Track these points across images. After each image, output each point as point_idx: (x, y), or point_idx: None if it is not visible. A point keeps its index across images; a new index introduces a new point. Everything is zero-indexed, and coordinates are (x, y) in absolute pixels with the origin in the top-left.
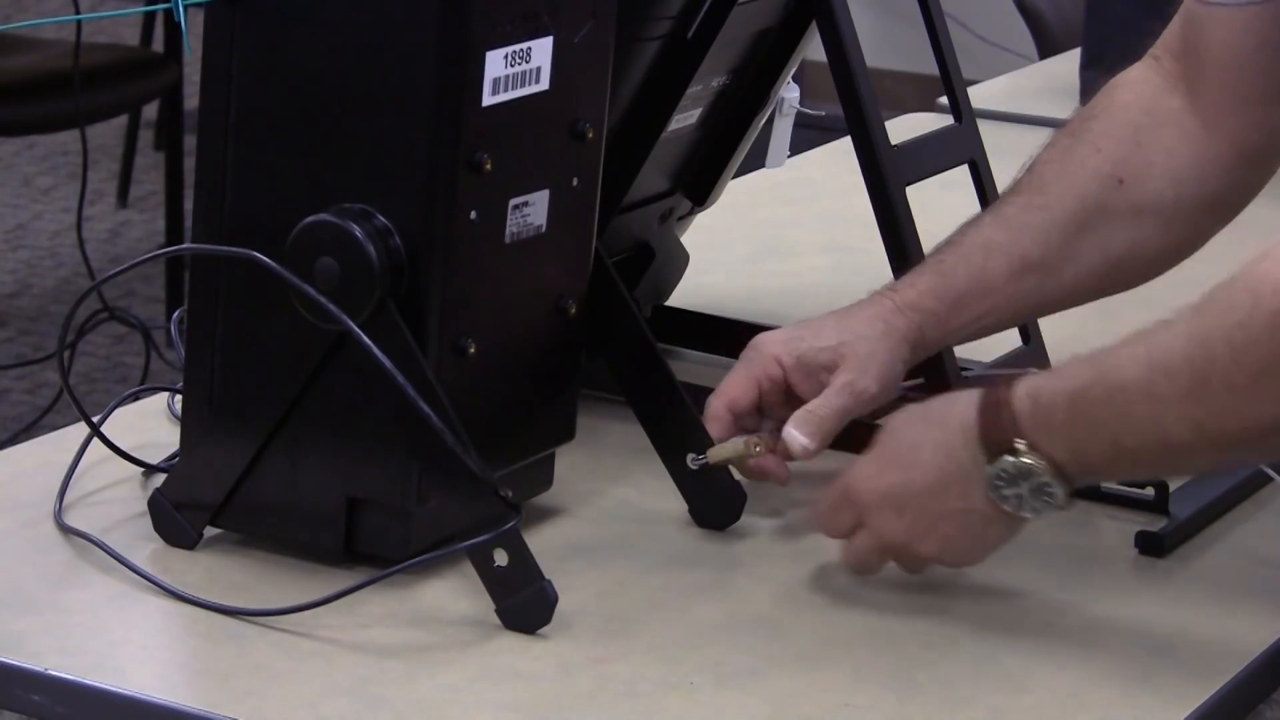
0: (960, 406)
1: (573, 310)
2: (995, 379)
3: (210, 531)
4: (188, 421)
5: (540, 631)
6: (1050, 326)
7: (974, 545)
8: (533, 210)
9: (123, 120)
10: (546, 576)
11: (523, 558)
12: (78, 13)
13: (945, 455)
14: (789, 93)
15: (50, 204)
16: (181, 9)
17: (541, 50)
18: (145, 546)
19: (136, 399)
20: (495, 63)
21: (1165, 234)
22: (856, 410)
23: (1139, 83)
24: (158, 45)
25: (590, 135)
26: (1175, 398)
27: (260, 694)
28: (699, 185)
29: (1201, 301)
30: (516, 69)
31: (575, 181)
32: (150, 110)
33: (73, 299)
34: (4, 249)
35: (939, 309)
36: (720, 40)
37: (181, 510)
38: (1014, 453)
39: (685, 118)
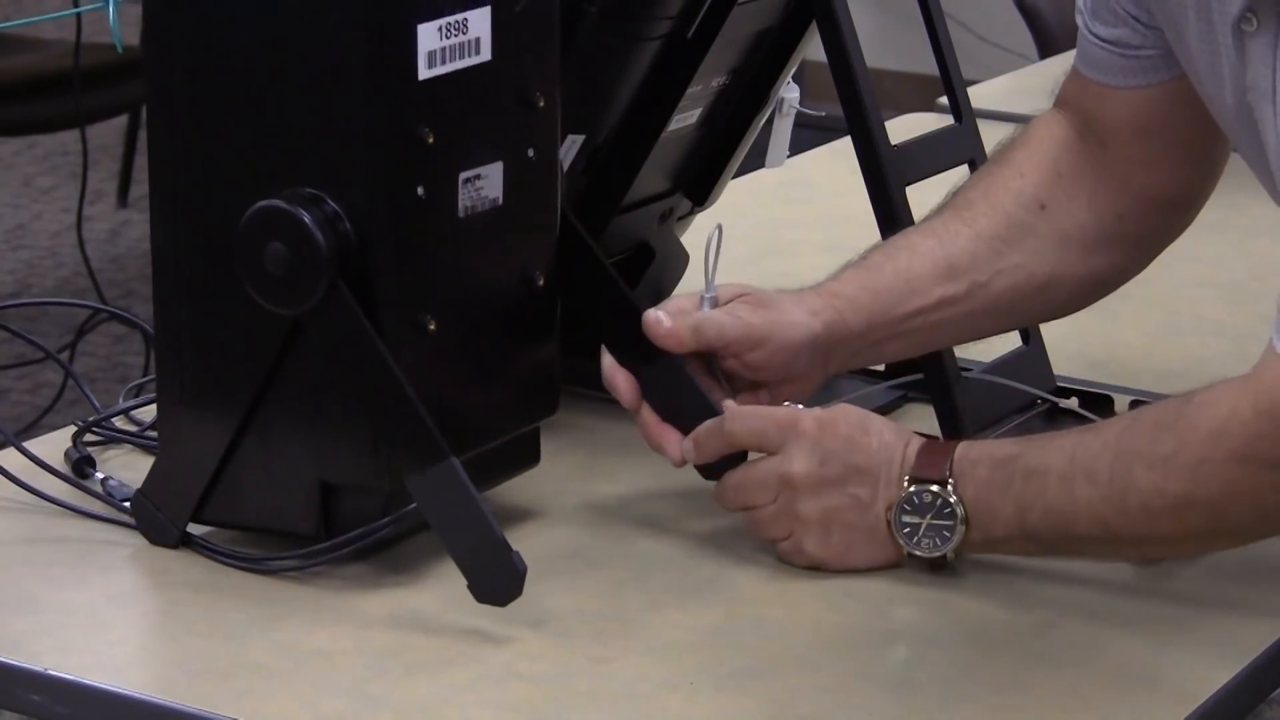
0: (907, 432)
1: (540, 282)
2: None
3: (208, 530)
4: (163, 418)
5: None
6: (1050, 326)
7: (844, 548)
8: (486, 183)
9: (123, 120)
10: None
11: (478, 517)
12: (77, 15)
13: (882, 450)
14: (789, 93)
15: (50, 204)
16: (112, 5)
17: (479, 21)
18: (144, 544)
19: (140, 391)
20: (429, 35)
21: (1087, 263)
22: (731, 333)
23: (1054, 123)
24: None
25: (542, 104)
26: (1090, 500)
27: (260, 694)
28: (699, 185)
29: (1133, 420)
30: (453, 40)
31: (531, 152)
32: None
33: (73, 299)
34: (4, 249)
35: (861, 296)
36: (720, 40)
37: (163, 508)
38: (937, 483)
39: (685, 118)
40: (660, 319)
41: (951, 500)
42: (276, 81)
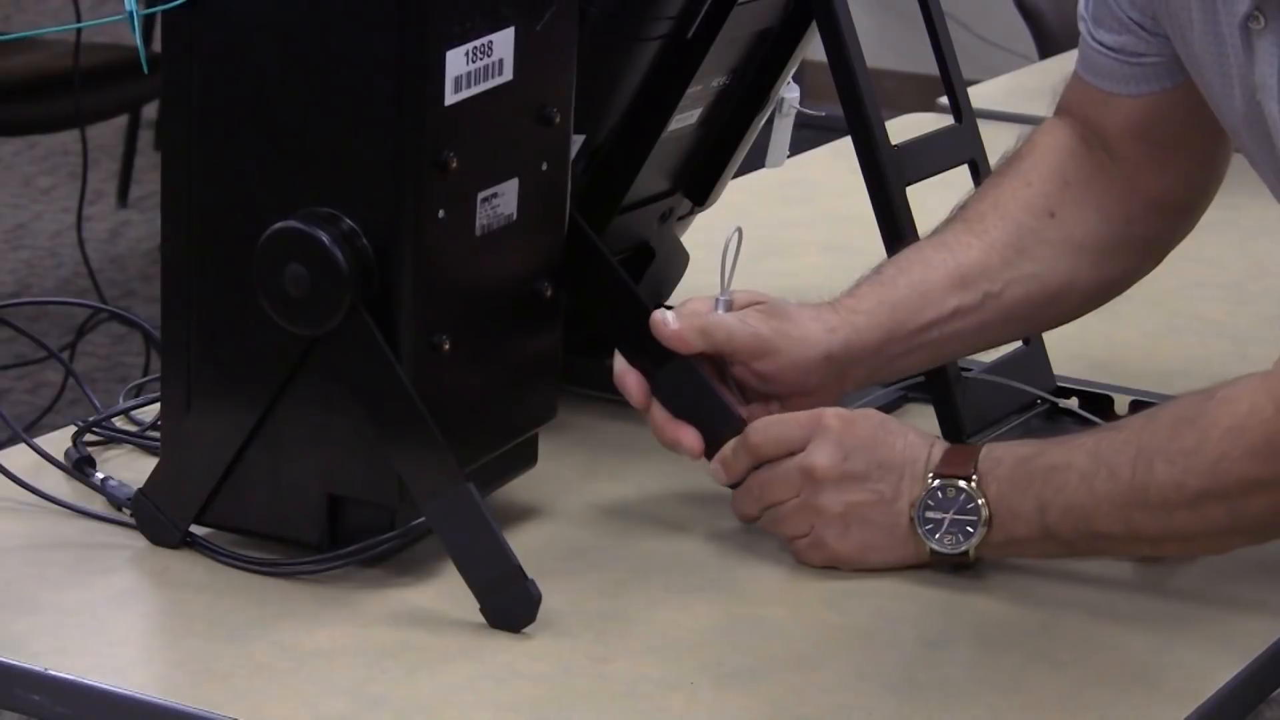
0: (932, 436)
1: (549, 293)
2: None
3: (208, 530)
4: (166, 423)
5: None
6: None
7: (862, 545)
8: (502, 200)
9: (123, 120)
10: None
11: (494, 544)
12: (78, 14)
13: (908, 448)
14: (789, 93)
15: (50, 204)
16: (136, 20)
17: (503, 42)
18: (144, 544)
19: (140, 391)
20: (456, 61)
21: (1098, 269)
22: (739, 339)
23: (1058, 130)
24: (158, 45)
25: (558, 120)
26: (1111, 495)
27: (260, 694)
28: (699, 185)
29: (1154, 415)
30: (479, 64)
31: (545, 166)
32: (150, 110)
33: (73, 299)
34: (4, 249)
35: (878, 310)
36: (720, 40)
37: (165, 510)
38: (961, 479)
39: (685, 118)
40: (667, 320)
41: (977, 499)
42: (300, 102)
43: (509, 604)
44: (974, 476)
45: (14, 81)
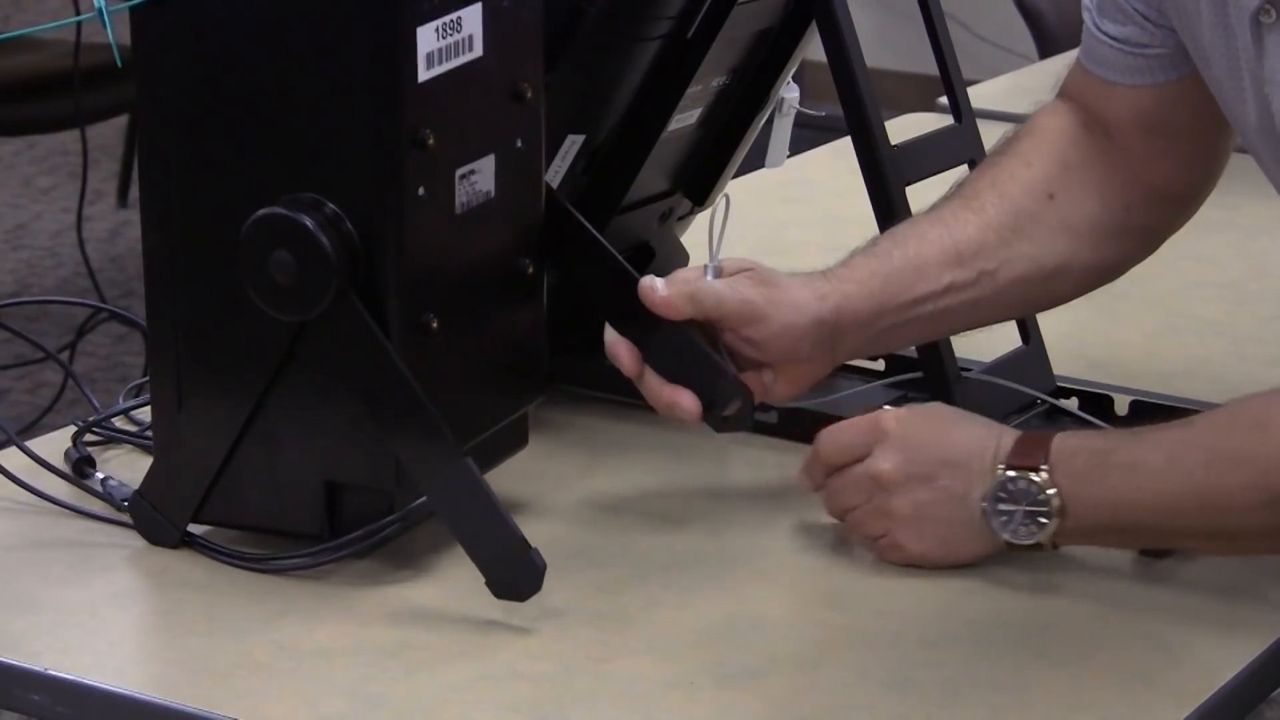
0: (1001, 426)
1: (530, 270)
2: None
3: (208, 529)
4: (157, 422)
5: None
6: (1049, 326)
7: (942, 542)
8: (480, 177)
9: (123, 120)
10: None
11: (496, 517)
12: (77, 14)
13: (973, 442)
14: (789, 93)
15: (50, 204)
16: (106, 15)
17: (472, 17)
18: (143, 544)
19: (140, 391)
20: (427, 37)
21: (1095, 253)
22: (728, 305)
23: (1060, 114)
24: None
25: (530, 95)
26: (1186, 495)
27: (260, 694)
28: (699, 185)
29: (1229, 416)
30: (449, 40)
31: (519, 143)
32: None
33: (73, 298)
34: (4, 249)
35: (871, 281)
36: (720, 40)
37: (162, 510)
38: (1033, 471)
39: (685, 118)
40: (656, 286)
41: (1048, 490)
42: (275, 88)
43: (514, 575)
44: (1044, 467)
45: (14, 81)
